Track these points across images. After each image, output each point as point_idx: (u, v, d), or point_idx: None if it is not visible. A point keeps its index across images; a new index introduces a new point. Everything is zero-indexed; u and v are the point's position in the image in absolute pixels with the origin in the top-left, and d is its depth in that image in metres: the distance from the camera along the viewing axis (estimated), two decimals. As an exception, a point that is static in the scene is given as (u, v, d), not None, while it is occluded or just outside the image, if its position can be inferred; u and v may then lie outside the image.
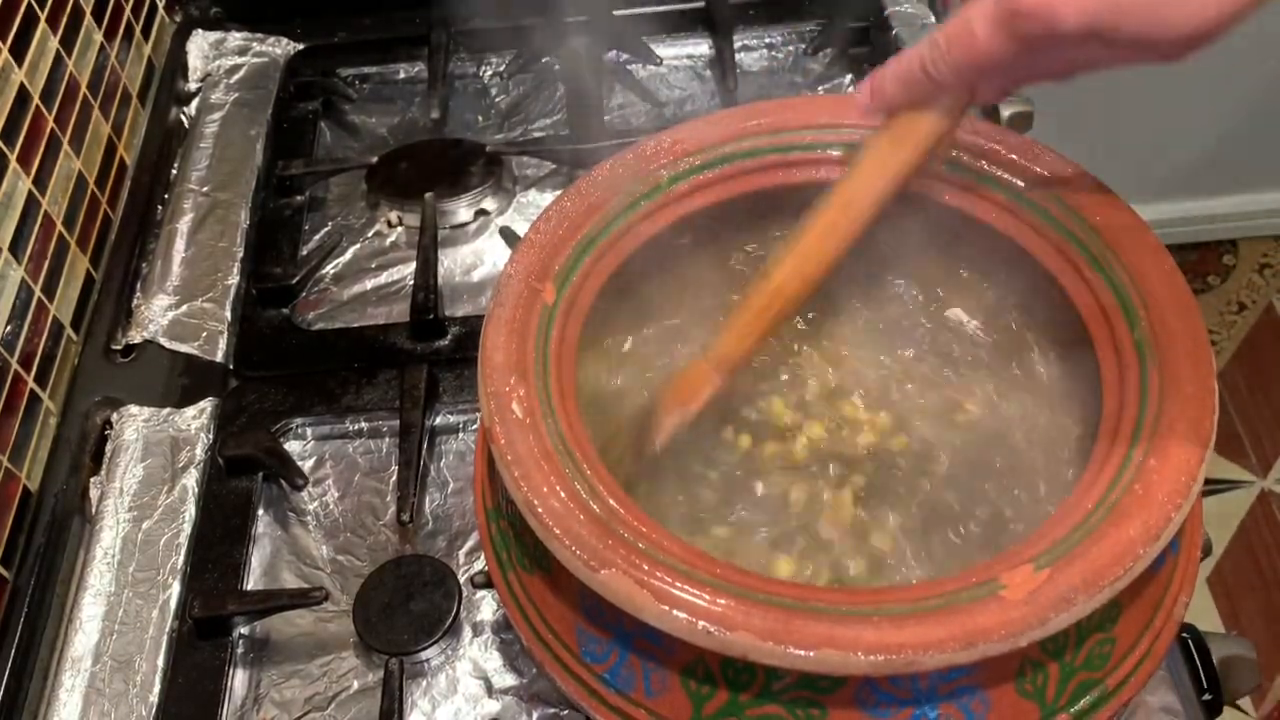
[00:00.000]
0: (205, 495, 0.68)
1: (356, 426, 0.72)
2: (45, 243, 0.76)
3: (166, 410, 0.72)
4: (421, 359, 0.74)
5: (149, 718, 0.60)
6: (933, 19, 0.93)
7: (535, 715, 0.59)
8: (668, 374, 0.57)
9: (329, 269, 0.81)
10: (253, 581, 0.66)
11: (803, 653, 0.40)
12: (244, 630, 0.64)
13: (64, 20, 0.81)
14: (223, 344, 0.76)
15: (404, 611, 0.62)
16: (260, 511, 0.68)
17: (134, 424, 0.71)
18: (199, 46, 0.95)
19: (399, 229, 0.84)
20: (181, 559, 0.65)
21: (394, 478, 0.69)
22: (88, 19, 0.85)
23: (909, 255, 0.61)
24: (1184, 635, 0.61)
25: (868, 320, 0.62)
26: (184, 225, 0.83)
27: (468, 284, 0.80)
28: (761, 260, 0.63)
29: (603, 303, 0.55)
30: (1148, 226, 0.52)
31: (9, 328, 0.70)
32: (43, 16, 0.78)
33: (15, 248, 0.72)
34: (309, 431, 0.72)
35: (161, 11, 0.98)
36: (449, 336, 0.75)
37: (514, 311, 0.50)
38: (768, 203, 0.59)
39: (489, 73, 0.95)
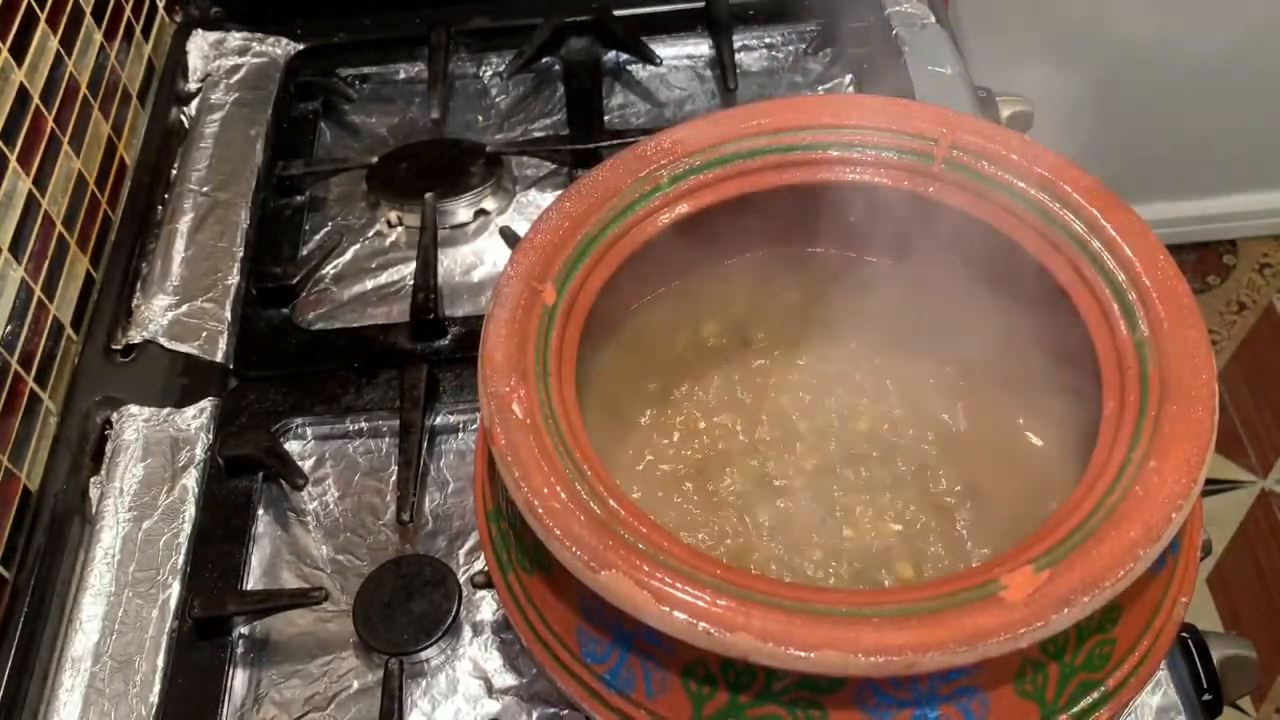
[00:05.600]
0: (205, 495, 0.68)
1: (356, 426, 0.72)
2: (45, 243, 0.76)
3: (166, 410, 0.72)
4: (421, 359, 0.74)
5: (149, 718, 0.60)
6: (932, 18, 0.93)
7: (535, 715, 0.60)
8: None
9: (329, 269, 0.81)
10: (253, 581, 0.66)
11: (803, 654, 0.40)
12: (244, 630, 0.64)
13: (64, 20, 0.81)
14: (223, 344, 0.76)
15: (404, 611, 0.62)
16: (260, 511, 0.68)
17: (134, 424, 0.71)
18: (199, 46, 0.95)
19: (399, 229, 0.84)
20: (181, 559, 0.65)
21: (394, 477, 0.69)
22: (88, 19, 0.85)
23: (906, 254, 0.61)
24: (1184, 635, 0.61)
25: (863, 318, 0.61)
26: (184, 225, 0.83)
27: (468, 284, 0.80)
28: (763, 261, 0.63)
29: (603, 303, 0.55)
30: (1148, 226, 0.52)
31: (9, 328, 0.70)
32: (43, 16, 0.78)
33: (15, 248, 0.72)
34: (309, 431, 0.72)
35: (161, 11, 0.98)
36: (449, 336, 0.75)
37: (514, 312, 0.50)
38: (768, 203, 0.58)
39: (489, 73, 0.95)
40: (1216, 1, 1.47)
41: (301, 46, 0.96)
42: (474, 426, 0.72)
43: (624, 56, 0.94)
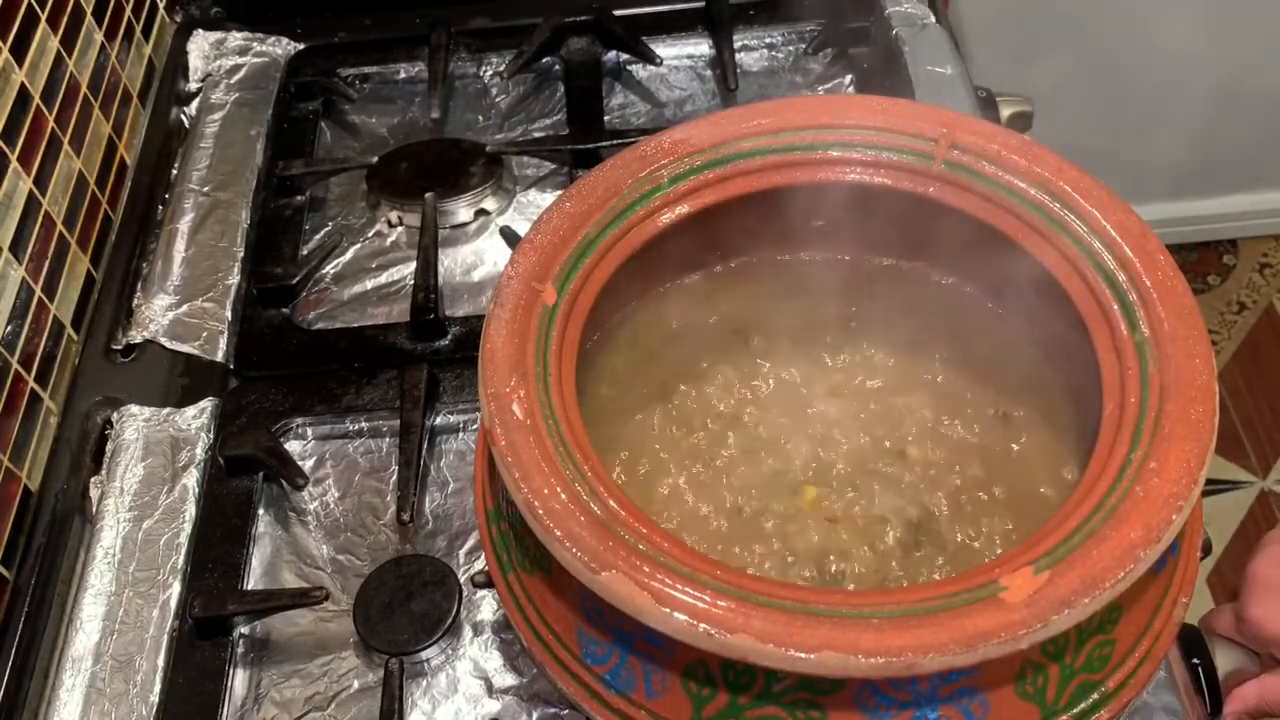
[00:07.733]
0: (205, 495, 0.68)
1: (357, 426, 0.72)
2: (46, 243, 0.76)
3: (167, 410, 0.72)
4: (421, 359, 0.74)
5: (149, 717, 0.60)
6: (932, 18, 0.93)
7: (535, 715, 0.60)
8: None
9: (329, 269, 0.81)
10: (253, 581, 0.66)
11: (803, 655, 0.40)
12: (244, 630, 0.64)
13: (64, 20, 0.81)
14: (223, 344, 0.76)
15: (404, 611, 0.62)
16: (260, 511, 0.68)
17: (134, 424, 0.71)
18: (199, 46, 0.95)
19: (399, 229, 0.84)
20: (182, 559, 0.65)
21: (394, 477, 0.69)
22: (88, 19, 0.85)
23: (907, 254, 0.61)
24: (1183, 635, 0.61)
25: (862, 318, 0.62)
26: (184, 225, 0.83)
27: (468, 284, 0.80)
28: (763, 262, 0.63)
29: (603, 303, 0.55)
30: (1148, 227, 0.51)
31: (9, 328, 0.70)
32: (43, 16, 0.78)
33: (16, 248, 0.72)
34: (309, 431, 0.72)
35: (162, 11, 0.98)
36: (449, 336, 0.75)
37: (514, 312, 0.50)
38: (768, 203, 0.58)
39: (489, 73, 0.95)
40: (1217, 2, 1.47)
41: (301, 46, 0.96)
42: (474, 426, 0.72)
43: (624, 56, 0.94)
